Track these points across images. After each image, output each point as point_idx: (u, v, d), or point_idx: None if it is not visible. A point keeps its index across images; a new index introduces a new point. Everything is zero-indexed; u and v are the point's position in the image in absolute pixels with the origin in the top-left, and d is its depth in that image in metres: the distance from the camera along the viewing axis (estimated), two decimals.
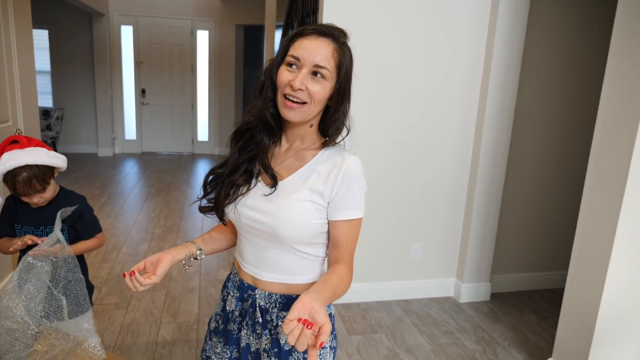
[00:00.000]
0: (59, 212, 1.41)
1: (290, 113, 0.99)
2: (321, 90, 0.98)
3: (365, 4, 2.59)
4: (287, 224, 0.99)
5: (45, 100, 7.13)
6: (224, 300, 1.18)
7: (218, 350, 1.17)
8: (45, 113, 6.81)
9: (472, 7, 2.73)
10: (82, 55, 7.05)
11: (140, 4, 7.10)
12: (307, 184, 1.02)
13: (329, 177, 1.00)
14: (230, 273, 1.20)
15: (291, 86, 0.96)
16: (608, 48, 1.92)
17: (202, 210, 1.11)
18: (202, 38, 7.46)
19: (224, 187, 1.06)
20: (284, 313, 1.07)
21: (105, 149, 7.33)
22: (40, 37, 6.87)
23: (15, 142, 1.47)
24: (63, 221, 1.48)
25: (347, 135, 1.06)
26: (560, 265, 3.28)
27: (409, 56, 2.72)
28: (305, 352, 1.03)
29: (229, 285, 1.18)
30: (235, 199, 1.06)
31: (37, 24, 6.73)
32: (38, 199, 1.52)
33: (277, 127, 1.05)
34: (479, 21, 2.76)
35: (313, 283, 1.07)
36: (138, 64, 7.34)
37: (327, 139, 1.05)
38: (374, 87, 2.71)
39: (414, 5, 2.65)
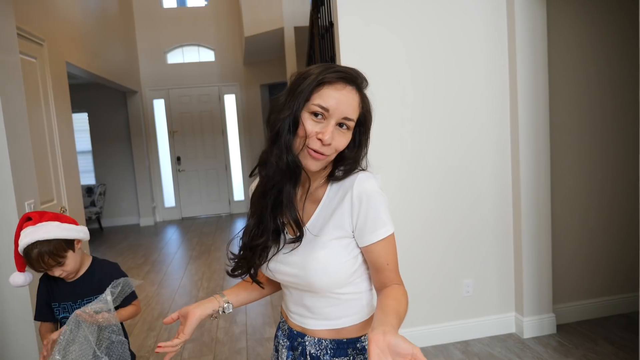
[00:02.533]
0: (111, 284, 1.40)
1: (313, 164, 0.95)
2: (345, 141, 0.97)
3: (383, 41, 2.61)
4: (317, 273, 0.95)
5: (88, 178, 7.48)
6: (277, 351, 1.14)
7: None
8: (88, 190, 7.12)
9: (488, 28, 2.71)
10: (119, 132, 7.43)
11: (169, 78, 7.51)
12: (327, 223, 0.98)
13: (344, 205, 0.97)
14: (280, 322, 1.17)
15: (321, 140, 0.92)
16: (631, 49, 1.83)
17: (234, 275, 1.08)
18: (230, 101, 7.76)
19: (256, 250, 1.02)
20: (336, 359, 1.02)
21: (147, 219, 7.53)
22: (81, 120, 7.32)
23: (29, 220, 1.49)
24: (98, 290, 1.48)
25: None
26: (630, 287, 3.02)
27: (435, 89, 2.70)
28: None
29: (279, 334, 1.15)
30: (267, 261, 1.03)
31: (77, 108, 7.19)
32: (60, 272, 1.51)
33: (299, 174, 0.97)
34: (497, 41, 2.73)
35: (365, 321, 1.03)
36: (172, 133, 7.66)
37: (335, 172, 1.02)
38: (403, 120, 2.68)
39: (432, 37, 2.66)
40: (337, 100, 0.93)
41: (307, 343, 1.04)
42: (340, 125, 0.95)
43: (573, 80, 2.85)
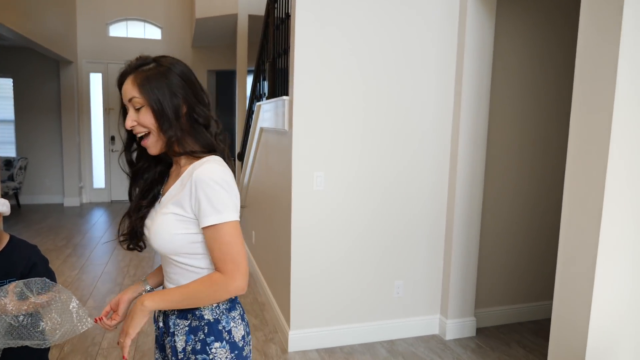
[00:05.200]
0: (27, 281, 1.26)
1: (148, 149, 1.11)
2: (144, 118, 1.07)
3: (336, 38, 2.62)
4: (155, 235, 1.10)
5: (8, 150, 6.90)
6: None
7: (157, 356, 1.27)
8: (7, 163, 6.56)
9: (439, 36, 2.81)
10: (48, 104, 6.91)
11: (110, 51, 7.09)
12: (172, 198, 1.09)
13: (186, 187, 1.06)
14: None
15: (127, 127, 1.09)
16: (570, 62, 1.97)
17: (124, 241, 1.20)
18: None
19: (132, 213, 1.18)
20: (179, 321, 1.14)
21: (72, 199, 7.07)
22: (4, 86, 6.73)
23: None
24: (13, 274, 1.36)
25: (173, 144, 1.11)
26: (544, 296, 3.25)
27: (380, 87, 2.75)
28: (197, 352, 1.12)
29: None
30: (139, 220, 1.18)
31: (1, 73, 6.61)
32: None
33: (150, 158, 1.17)
34: (447, 47, 2.83)
35: None
36: (107, 110, 7.24)
37: (177, 154, 1.13)
38: (347, 119, 2.71)
39: (383, 38, 2.71)
40: (123, 91, 1.09)
41: None
42: (135, 109, 1.07)
43: (513, 92, 3.01)
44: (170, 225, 1.07)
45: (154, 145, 1.09)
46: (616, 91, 1.66)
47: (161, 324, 1.19)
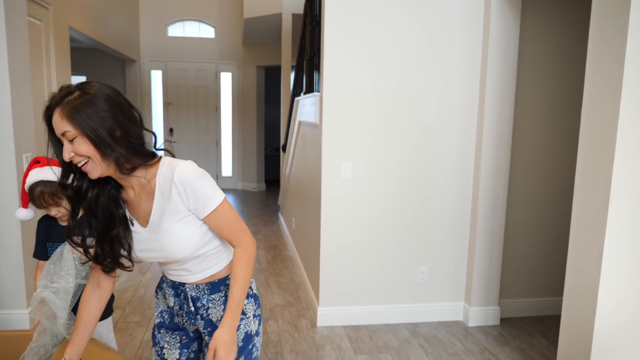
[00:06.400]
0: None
1: (90, 174, 1.10)
2: (80, 147, 1.06)
3: (364, 37, 2.81)
4: (175, 250, 1.19)
5: None
6: (165, 298, 1.38)
7: (168, 339, 1.38)
8: None
9: (464, 34, 2.92)
10: None
11: (169, 50, 7.63)
12: (165, 212, 1.16)
13: (172, 193, 1.15)
14: (162, 277, 1.40)
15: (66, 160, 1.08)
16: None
17: (109, 269, 1.24)
18: (226, 79, 7.90)
19: (111, 244, 1.19)
20: (213, 296, 1.29)
21: None
22: None
23: (38, 162, 1.71)
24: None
25: (139, 153, 1.15)
26: None
27: (406, 83, 2.91)
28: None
29: (164, 286, 1.38)
30: (130, 249, 1.22)
31: (77, 71, 7.29)
32: (56, 212, 1.71)
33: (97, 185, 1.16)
34: (472, 46, 2.94)
35: (228, 264, 1.31)
36: (167, 105, 7.81)
37: (128, 171, 1.14)
38: (374, 113, 2.90)
39: (410, 37, 2.86)
40: (54, 125, 1.08)
41: (187, 289, 1.30)
42: (69, 141, 1.07)
43: (539, 89, 3.07)
44: (182, 231, 1.17)
45: (93, 170, 1.09)
46: (622, 89, 1.75)
47: (192, 308, 1.30)
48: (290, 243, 4.60)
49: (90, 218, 1.18)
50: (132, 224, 1.22)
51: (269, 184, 8.34)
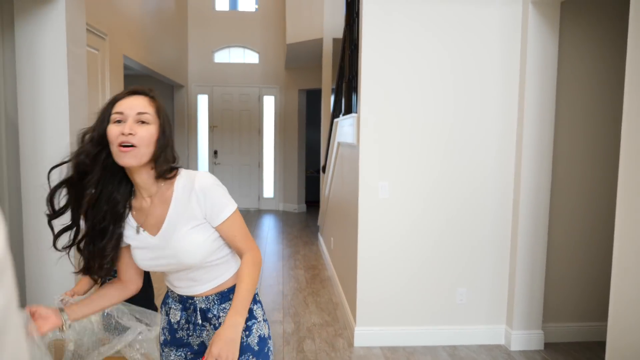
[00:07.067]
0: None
1: (126, 158, 1.12)
2: (147, 132, 1.14)
3: (397, 61, 2.87)
4: (188, 256, 1.21)
5: None
6: (167, 315, 1.39)
7: (172, 357, 1.38)
8: None
9: (502, 51, 2.92)
10: None
11: (215, 76, 7.98)
12: (181, 217, 1.21)
13: (190, 200, 1.21)
14: (167, 292, 1.41)
15: (122, 133, 1.12)
16: None
17: (101, 277, 1.26)
18: (269, 103, 8.15)
19: (100, 256, 1.21)
20: (223, 305, 1.31)
21: None
22: None
23: None
24: None
25: (175, 161, 1.23)
26: None
27: (442, 104, 2.93)
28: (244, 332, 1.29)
29: (169, 301, 1.39)
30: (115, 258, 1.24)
31: None
32: None
33: (122, 173, 1.20)
34: (510, 63, 2.93)
35: (235, 273, 1.32)
36: (212, 128, 8.12)
37: (163, 173, 1.20)
38: (410, 133, 2.93)
39: (445, 58, 2.89)
40: (128, 103, 1.16)
41: (197, 302, 1.31)
42: (140, 122, 1.14)
43: (579, 107, 3.00)
44: (196, 238, 1.21)
45: (134, 157, 1.13)
46: None
47: (199, 320, 1.31)
48: (329, 263, 4.62)
49: (87, 210, 1.18)
50: (138, 232, 1.24)
51: (310, 205, 8.43)
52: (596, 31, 2.96)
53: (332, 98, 5.26)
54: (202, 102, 8.11)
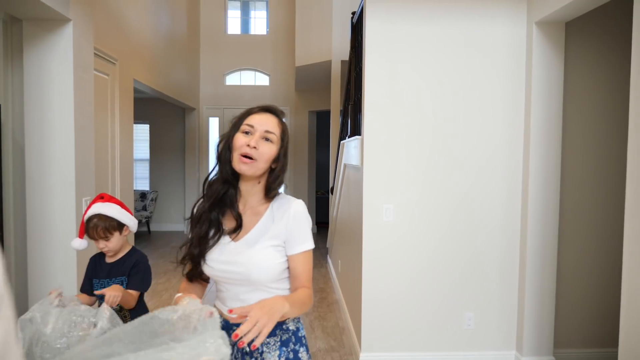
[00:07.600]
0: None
1: (244, 167, 1.23)
2: (269, 150, 1.25)
3: (404, 84, 2.87)
4: (257, 268, 1.23)
5: (144, 184, 8.11)
6: None
7: None
8: (142, 195, 7.72)
9: (507, 75, 2.90)
10: (175, 144, 8.05)
11: (226, 98, 8.09)
12: (266, 232, 1.26)
13: (282, 220, 1.27)
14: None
15: (248, 145, 1.23)
16: None
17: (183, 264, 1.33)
18: None
19: (197, 243, 1.28)
20: (268, 340, 1.28)
21: None
22: (143, 130, 8.01)
23: (101, 198, 1.87)
24: (125, 272, 1.81)
25: (281, 186, 1.32)
26: None
27: (446, 126, 2.90)
28: None
29: None
30: (204, 257, 1.29)
31: (140, 119, 7.89)
32: (103, 246, 1.84)
33: (237, 179, 1.29)
34: (515, 87, 2.90)
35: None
36: None
37: (272, 192, 1.30)
38: (415, 156, 2.90)
39: (448, 82, 2.89)
40: (259, 119, 1.27)
41: None
42: (265, 139, 1.25)
43: (585, 127, 2.95)
44: (272, 256, 1.25)
45: (253, 167, 1.23)
46: None
47: (247, 348, 1.27)
48: (337, 286, 4.56)
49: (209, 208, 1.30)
50: (222, 232, 1.30)
51: (320, 226, 8.39)
52: (600, 50, 2.93)
53: (340, 119, 5.28)
54: (213, 124, 8.20)
